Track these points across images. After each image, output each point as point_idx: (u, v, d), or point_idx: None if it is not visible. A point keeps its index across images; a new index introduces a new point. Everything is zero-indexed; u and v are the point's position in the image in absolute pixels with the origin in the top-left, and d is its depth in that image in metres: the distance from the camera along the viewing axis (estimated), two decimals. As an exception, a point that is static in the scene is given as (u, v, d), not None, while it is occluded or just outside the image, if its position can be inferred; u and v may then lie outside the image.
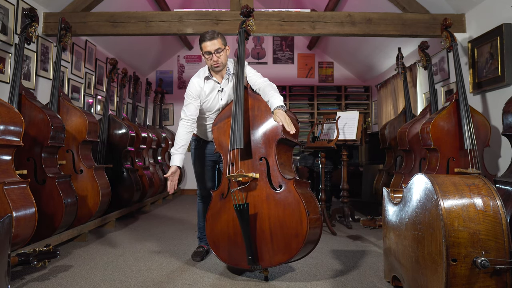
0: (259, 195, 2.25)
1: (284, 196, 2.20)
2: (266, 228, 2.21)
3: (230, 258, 2.35)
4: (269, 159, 2.29)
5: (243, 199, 2.26)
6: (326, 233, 3.55)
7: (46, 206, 2.81)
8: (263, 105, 2.38)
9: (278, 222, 2.19)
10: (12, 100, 2.86)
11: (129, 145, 4.46)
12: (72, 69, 4.46)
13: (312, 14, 4.04)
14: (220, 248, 2.38)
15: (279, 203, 2.20)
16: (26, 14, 3.16)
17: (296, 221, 2.14)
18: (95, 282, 2.24)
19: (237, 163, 2.30)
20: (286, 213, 2.17)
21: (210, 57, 2.49)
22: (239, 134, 2.28)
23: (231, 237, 2.32)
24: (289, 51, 7.41)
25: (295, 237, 2.13)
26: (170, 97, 7.26)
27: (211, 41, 2.46)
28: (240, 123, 2.30)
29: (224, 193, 2.39)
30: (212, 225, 2.42)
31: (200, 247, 2.82)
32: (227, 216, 2.34)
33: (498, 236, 1.51)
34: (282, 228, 2.17)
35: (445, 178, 1.68)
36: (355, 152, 4.57)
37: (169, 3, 5.58)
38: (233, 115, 2.34)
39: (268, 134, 2.32)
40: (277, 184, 2.23)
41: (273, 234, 2.20)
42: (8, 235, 1.92)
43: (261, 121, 2.36)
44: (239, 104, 2.35)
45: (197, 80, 2.61)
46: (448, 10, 3.95)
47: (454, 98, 3.19)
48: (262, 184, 2.26)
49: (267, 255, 2.21)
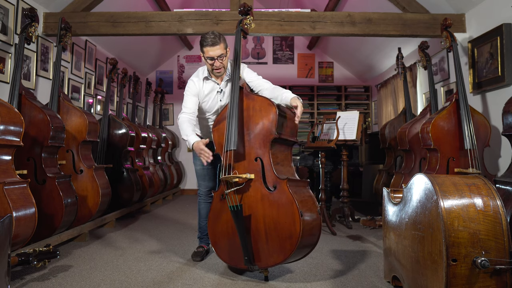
0: (254, 195, 2.25)
1: (278, 197, 2.17)
2: (262, 229, 2.21)
3: (230, 258, 2.36)
4: (263, 159, 2.26)
5: (237, 200, 2.25)
6: (326, 233, 3.55)
7: (46, 206, 2.81)
8: (257, 105, 2.34)
9: (272, 222, 2.18)
10: (12, 100, 2.86)
11: (129, 145, 4.46)
12: (72, 69, 4.46)
13: (312, 14, 4.03)
14: (221, 248, 2.39)
15: (273, 204, 2.18)
16: (26, 14, 3.16)
17: (289, 221, 2.11)
18: (95, 282, 2.24)
19: (232, 164, 2.29)
20: (280, 213, 2.15)
21: (212, 62, 2.49)
22: (233, 135, 2.27)
23: (230, 237, 2.33)
24: (289, 51, 7.41)
25: (289, 238, 2.11)
26: (170, 97, 7.26)
27: (214, 47, 2.44)
28: (235, 125, 2.28)
29: (224, 194, 2.39)
30: (213, 225, 2.43)
31: (200, 247, 2.82)
32: (226, 216, 2.34)
33: (498, 236, 1.51)
34: (276, 229, 2.16)
35: (445, 178, 1.68)
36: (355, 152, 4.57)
37: (169, 3, 5.58)
38: (228, 116, 2.32)
39: (262, 133, 2.29)
40: (272, 184, 2.21)
41: (268, 235, 2.19)
42: (8, 235, 1.92)
43: (256, 121, 2.32)
44: (234, 105, 2.32)
45: (196, 80, 2.61)
46: (448, 10, 3.95)
47: (454, 98, 3.19)
48: (257, 184, 2.24)
49: (264, 256, 2.21)
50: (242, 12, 2.68)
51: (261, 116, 2.31)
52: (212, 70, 2.54)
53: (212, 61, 2.48)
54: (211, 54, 2.45)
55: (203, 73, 2.61)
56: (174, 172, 6.35)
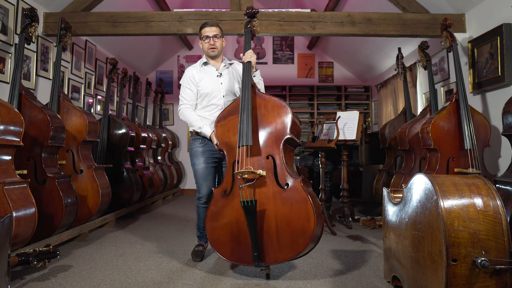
0: (266, 192, 2.27)
1: (291, 194, 2.23)
2: (272, 225, 2.24)
3: (233, 256, 2.33)
4: (275, 158, 2.32)
5: (251, 195, 2.27)
6: (326, 233, 3.55)
7: (46, 206, 2.81)
8: (270, 105, 2.40)
9: (285, 219, 2.22)
10: (12, 100, 2.86)
11: (129, 145, 4.46)
12: (72, 69, 4.46)
13: (312, 14, 4.03)
14: (222, 246, 2.36)
15: (286, 201, 2.23)
16: (26, 14, 3.16)
17: (303, 218, 2.18)
18: (95, 282, 2.24)
19: (245, 160, 2.31)
20: (293, 210, 2.20)
21: (208, 40, 2.71)
22: (248, 131, 2.31)
23: (235, 234, 2.31)
24: (289, 51, 7.41)
25: (302, 234, 2.17)
26: (170, 97, 7.25)
27: (211, 27, 2.73)
28: (248, 121, 2.33)
29: (227, 190, 2.37)
30: (214, 223, 2.39)
31: (199, 245, 2.80)
32: (231, 213, 2.33)
33: (498, 236, 1.51)
34: (289, 226, 2.20)
35: (445, 178, 1.68)
36: (355, 152, 4.57)
37: (169, 3, 5.58)
38: (241, 112, 2.36)
39: (275, 133, 2.36)
40: (284, 182, 2.26)
41: (279, 231, 2.22)
42: (8, 235, 1.92)
43: (268, 120, 2.39)
44: (247, 102, 2.38)
45: (192, 68, 2.78)
46: (448, 10, 3.95)
47: (454, 98, 3.19)
48: (268, 182, 2.28)
49: (272, 252, 2.23)
50: (249, 15, 2.77)
51: (273, 116, 2.38)
52: (208, 49, 2.72)
53: (207, 39, 2.71)
54: (207, 31, 2.71)
55: (202, 60, 2.80)
56: (174, 172, 6.35)
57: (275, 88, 7.11)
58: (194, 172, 2.77)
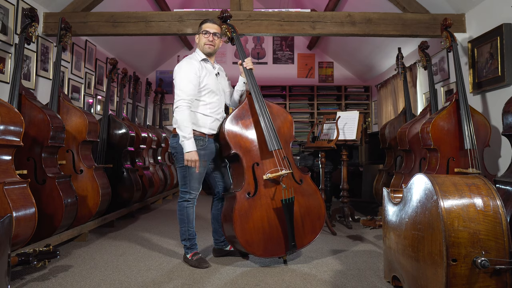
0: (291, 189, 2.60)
1: (306, 188, 2.67)
2: (298, 216, 2.60)
3: (266, 251, 2.52)
4: (289, 158, 2.64)
5: (292, 193, 2.56)
6: (326, 233, 3.55)
7: (46, 206, 2.81)
8: (274, 110, 2.71)
9: (306, 209, 2.63)
10: (12, 100, 2.87)
11: (129, 145, 4.45)
12: (72, 69, 4.46)
13: (312, 14, 4.04)
14: (255, 244, 2.49)
15: (304, 194, 2.65)
16: (26, 14, 3.16)
17: (318, 206, 2.68)
18: (95, 282, 2.24)
19: (281, 162, 2.57)
20: (310, 201, 2.66)
21: (207, 36, 2.67)
22: (275, 135, 2.57)
23: (267, 231, 2.51)
24: (289, 51, 7.41)
25: (318, 219, 2.67)
26: (170, 97, 7.26)
27: (214, 25, 2.70)
28: (272, 125, 2.58)
29: (251, 192, 2.52)
30: (243, 224, 2.47)
31: (196, 253, 2.63)
32: (260, 213, 2.51)
33: (498, 236, 1.51)
34: (309, 214, 2.64)
35: (445, 178, 1.68)
36: (355, 152, 4.57)
37: (169, 3, 5.58)
38: (261, 117, 2.58)
39: (285, 136, 2.72)
40: (299, 178, 2.66)
41: (304, 220, 2.62)
42: (8, 235, 1.92)
43: (277, 124, 2.68)
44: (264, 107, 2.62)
45: (193, 61, 2.64)
46: (448, 10, 3.95)
47: (454, 98, 3.19)
48: (288, 180, 2.60)
49: (299, 238, 2.58)
50: (224, 19, 2.91)
51: (280, 121, 2.73)
52: (205, 44, 2.67)
53: (207, 34, 2.66)
54: (209, 27, 2.68)
55: (199, 56, 2.70)
56: (174, 172, 6.35)
57: (275, 88, 7.11)
58: (188, 172, 2.59)
